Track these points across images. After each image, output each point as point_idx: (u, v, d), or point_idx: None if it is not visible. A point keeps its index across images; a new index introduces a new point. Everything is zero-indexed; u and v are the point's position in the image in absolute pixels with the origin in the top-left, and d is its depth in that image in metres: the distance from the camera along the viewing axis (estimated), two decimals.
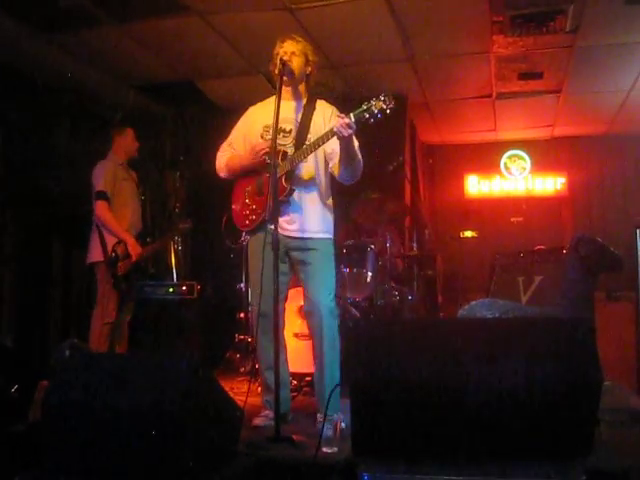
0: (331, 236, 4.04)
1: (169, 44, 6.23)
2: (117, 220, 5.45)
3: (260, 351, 4.00)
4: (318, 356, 3.92)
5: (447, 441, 2.67)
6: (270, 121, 3.75)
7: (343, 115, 3.56)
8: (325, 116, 3.96)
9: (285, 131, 3.86)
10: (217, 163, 4.11)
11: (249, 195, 3.98)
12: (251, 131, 4.03)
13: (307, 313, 3.99)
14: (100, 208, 5.41)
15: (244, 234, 4.04)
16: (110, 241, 5.39)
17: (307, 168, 3.91)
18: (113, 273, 5.35)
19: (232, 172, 4.06)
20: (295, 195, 3.84)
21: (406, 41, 6.20)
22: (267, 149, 3.77)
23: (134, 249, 5.44)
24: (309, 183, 3.93)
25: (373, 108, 3.52)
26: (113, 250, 5.36)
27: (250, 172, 3.97)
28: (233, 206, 4.09)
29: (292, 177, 3.83)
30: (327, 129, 3.73)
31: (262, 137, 3.93)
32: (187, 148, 7.82)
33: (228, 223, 4.50)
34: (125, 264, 5.40)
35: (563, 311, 4.46)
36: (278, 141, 3.73)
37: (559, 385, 2.57)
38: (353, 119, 3.53)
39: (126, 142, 5.77)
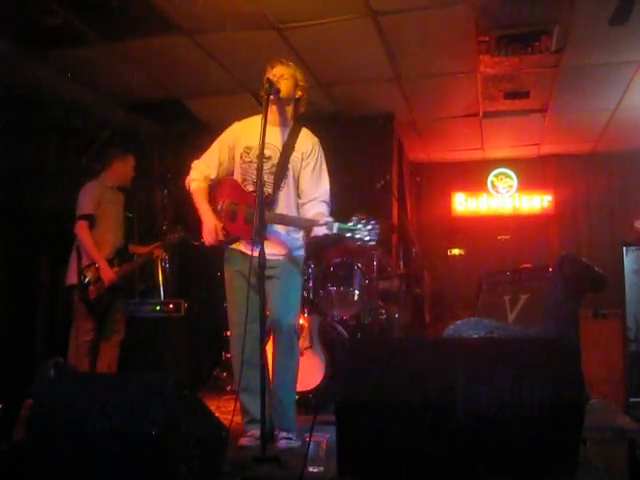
0: (299, 254, 4.03)
1: (158, 63, 6.25)
2: (98, 243, 5.36)
3: (237, 373, 3.92)
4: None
5: (432, 460, 2.67)
6: (252, 142, 3.85)
7: (327, 221, 3.63)
8: (305, 151, 3.97)
9: (265, 156, 3.75)
10: (188, 178, 4.06)
11: (222, 216, 3.95)
12: (234, 148, 4.00)
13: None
14: (80, 227, 5.33)
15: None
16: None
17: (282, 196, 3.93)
18: (84, 298, 5.27)
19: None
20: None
21: (393, 60, 6.24)
22: (222, 239, 3.87)
23: (106, 274, 5.32)
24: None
25: (357, 234, 3.54)
26: (82, 274, 5.28)
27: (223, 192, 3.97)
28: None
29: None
30: (303, 164, 3.89)
31: (241, 157, 3.93)
32: (175, 165, 7.82)
33: None
34: (97, 288, 5.30)
35: (548, 330, 4.48)
36: (256, 165, 3.79)
37: (544, 404, 2.58)
38: (335, 230, 3.58)
39: (124, 170, 5.68)
